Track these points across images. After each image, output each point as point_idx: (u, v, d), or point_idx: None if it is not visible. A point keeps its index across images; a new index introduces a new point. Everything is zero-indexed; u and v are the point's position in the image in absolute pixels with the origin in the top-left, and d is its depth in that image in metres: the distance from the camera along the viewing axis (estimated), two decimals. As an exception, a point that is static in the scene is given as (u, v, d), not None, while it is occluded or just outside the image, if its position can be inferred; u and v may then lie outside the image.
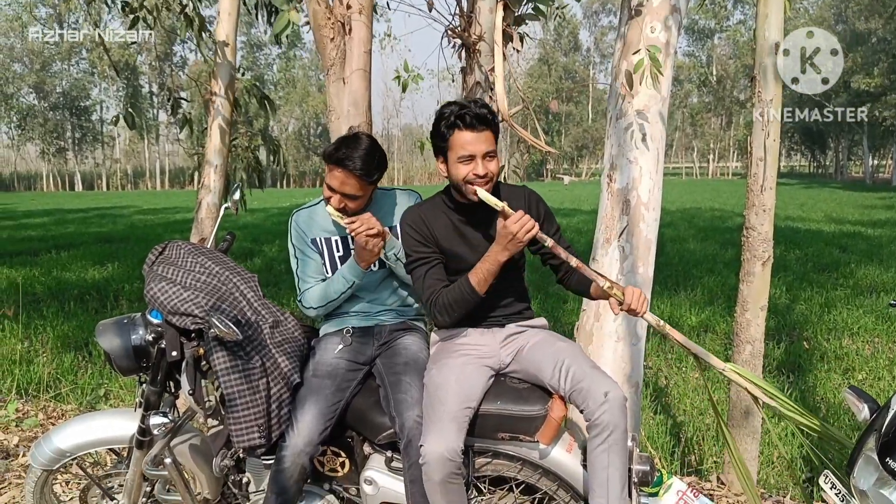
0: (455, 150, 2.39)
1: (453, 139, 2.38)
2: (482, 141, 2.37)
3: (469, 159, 2.38)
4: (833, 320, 7.02)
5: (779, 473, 3.93)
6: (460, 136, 2.37)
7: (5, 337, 6.24)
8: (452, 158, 2.41)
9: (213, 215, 4.57)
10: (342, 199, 2.61)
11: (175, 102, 5.46)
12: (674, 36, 3.32)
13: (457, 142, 2.37)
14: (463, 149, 2.37)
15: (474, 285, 2.39)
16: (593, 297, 2.53)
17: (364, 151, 2.57)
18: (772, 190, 3.49)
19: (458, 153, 2.38)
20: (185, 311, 2.37)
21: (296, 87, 71.29)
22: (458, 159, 2.39)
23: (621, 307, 2.34)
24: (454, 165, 2.41)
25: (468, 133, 2.36)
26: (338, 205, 2.62)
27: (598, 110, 71.30)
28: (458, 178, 2.41)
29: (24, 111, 63.27)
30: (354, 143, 2.59)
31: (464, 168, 2.39)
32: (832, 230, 15.79)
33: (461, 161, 2.38)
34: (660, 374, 5.61)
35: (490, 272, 2.37)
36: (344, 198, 2.61)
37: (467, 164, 2.38)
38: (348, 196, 2.61)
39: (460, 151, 2.37)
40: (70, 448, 2.73)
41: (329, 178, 2.61)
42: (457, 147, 2.38)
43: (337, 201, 2.62)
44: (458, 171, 2.40)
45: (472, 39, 3.53)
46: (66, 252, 13.09)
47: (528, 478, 2.45)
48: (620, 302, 2.33)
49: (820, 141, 58.71)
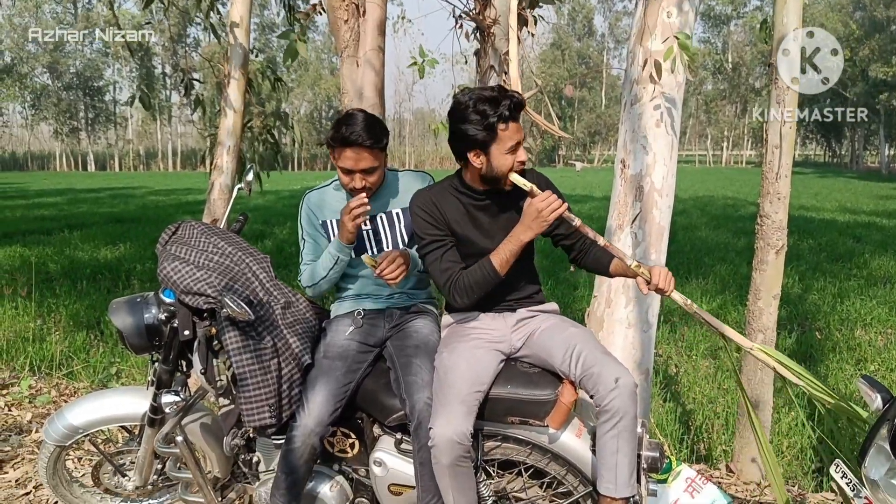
0: (504, 142, 2.34)
1: (501, 132, 2.34)
2: (519, 129, 2.36)
3: (515, 148, 2.36)
4: (846, 311, 6.98)
5: (788, 463, 3.92)
6: (508, 128, 2.33)
7: (19, 315, 6.28)
8: (499, 150, 2.35)
9: (226, 196, 4.58)
10: (363, 177, 2.60)
11: (188, 83, 5.46)
12: (690, 21, 3.29)
13: (506, 133, 2.34)
14: (511, 139, 2.34)
15: (496, 266, 2.39)
16: (612, 274, 2.53)
17: (364, 122, 2.55)
18: (787, 178, 3.46)
19: (507, 144, 2.34)
20: (197, 291, 2.38)
21: (308, 69, 71.19)
22: (507, 150, 2.35)
23: (649, 286, 2.34)
24: (500, 157, 2.36)
25: (512, 124, 2.34)
26: (360, 184, 2.59)
27: (611, 96, 70.98)
28: (505, 168, 2.37)
29: (38, 91, 63.52)
30: (351, 119, 2.57)
31: (510, 158, 2.36)
32: (846, 220, 15.69)
33: (508, 151, 2.36)
34: (670, 361, 5.60)
35: (513, 253, 2.37)
36: (364, 175, 2.59)
37: (513, 154, 2.36)
38: (366, 171, 2.59)
39: (508, 142, 2.34)
40: (83, 424, 2.75)
41: (341, 161, 2.58)
42: (506, 139, 2.34)
43: (359, 180, 2.59)
44: (505, 161, 2.36)
45: (486, 22, 3.51)
46: (78, 231, 13.17)
47: (536, 462, 2.45)
48: (648, 281, 2.33)
49: (835, 130, 58.26)
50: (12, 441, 3.93)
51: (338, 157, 2.58)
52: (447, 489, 2.31)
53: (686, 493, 2.48)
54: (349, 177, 2.60)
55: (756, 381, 3.63)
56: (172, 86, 63.98)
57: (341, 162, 2.58)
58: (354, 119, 2.56)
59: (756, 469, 3.66)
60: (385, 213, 2.75)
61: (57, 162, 69.24)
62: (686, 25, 3.26)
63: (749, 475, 3.68)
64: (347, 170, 2.58)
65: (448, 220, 2.50)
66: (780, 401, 4.49)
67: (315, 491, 2.60)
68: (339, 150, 2.57)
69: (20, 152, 72.15)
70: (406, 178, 2.84)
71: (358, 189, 2.60)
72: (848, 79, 47.73)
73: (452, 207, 2.51)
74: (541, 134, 5.30)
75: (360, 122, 2.55)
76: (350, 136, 2.52)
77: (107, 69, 67.35)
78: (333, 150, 2.59)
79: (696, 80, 63.24)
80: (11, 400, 4.53)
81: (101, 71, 66.95)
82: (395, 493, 2.54)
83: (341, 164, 2.59)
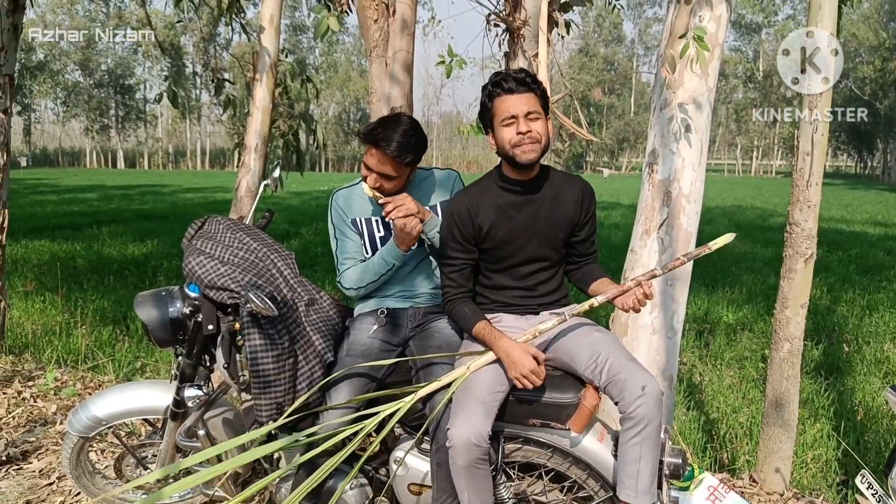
0: (498, 116, 2.36)
1: (495, 106, 2.37)
2: (523, 102, 2.33)
3: (511, 120, 2.35)
4: (875, 324, 6.87)
5: (813, 475, 3.86)
6: (501, 101, 2.35)
7: (46, 309, 6.37)
8: (497, 125, 2.38)
9: (252, 195, 4.61)
10: (378, 178, 2.60)
11: (219, 83, 5.50)
12: (722, 27, 3.26)
13: (499, 107, 2.36)
14: (505, 111, 2.34)
15: (473, 330, 2.44)
16: (590, 293, 2.55)
17: (401, 133, 2.54)
18: (818, 186, 3.41)
19: (501, 117, 2.35)
20: (222, 286, 2.39)
21: (337, 71, 71.57)
22: (502, 122, 2.36)
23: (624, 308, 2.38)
24: (499, 130, 2.37)
25: (507, 96, 2.34)
26: (374, 184, 2.61)
27: (640, 103, 70.56)
28: (505, 142, 2.37)
29: (70, 88, 64.44)
30: (393, 125, 2.57)
31: (508, 131, 2.36)
32: (877, 233, 15.47)
33: (504, 124, 2.36)
34: (694, 370, 5.55)
35: (486, 340, 2.40)
36: (380, 178, 2.60)
37: (510, 126, 2.35)
38: (384, 176, 2.60)
39: (502, 115, 2.35)
40: (106, 416, 2.78)
41: (366, 157, 2.60)
42: (499, 112, 2.36)
43: (373, 181, 2.60)
44: (503, 134, 2.36)
45: (516, 24, 3.50)
46: (107, 227, 13.33)
47: (557, 465, 2.44)
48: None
49: (867, 141, 57.48)
50: (37, 432, 3.98)
51: (366, 150, 2.61)
52: (463, 490, 2.30)
53: (708, 502, 2.45)
54: (367, 172, 2.62)
55: (782, 390, 3.58)
56: (202, 85, 64.69)
57: (366, 157, 2.61)
58: (396, 125, 2.57)
59: (780, 479, 3.61)
60: None
61: (87, 159, 70.18)
62: (718, 31, 3.23)
63: (773, 485, 3.62)
64: (369, 166, 2.61)
65: (481, 224, 2.48)
66: (805, 412, 4.43)
67: (335, 489, 2.60)
68: (367, 145, 2.59)
69: (51, 148, 73.18)
70: (433, 177, 2.83)
71: (372, 185, 2.62)
72: (879, 89, 47.12)
73: (490, 209, 2.50)
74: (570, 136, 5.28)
75: (398, 130, 2.55)
76: (380, 140, 2.53)
77: (138, 67, 68.17)
78: (364, 142, 2.61)
79: (727, 89, 62.78)
80: (37, 391, 4.58)
81: (132, 69, 67.75)
82: (414, 492, 2.53)
83: (365, 159, 2.62)
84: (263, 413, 2.42)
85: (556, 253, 2.57)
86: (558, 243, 2.55)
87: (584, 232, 2.58)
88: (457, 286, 2.52)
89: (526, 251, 2.52)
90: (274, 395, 2.42)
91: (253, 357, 2.38)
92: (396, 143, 2.53)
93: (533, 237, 2.50)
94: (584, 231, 2.57)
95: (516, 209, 2.50)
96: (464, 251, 2.51)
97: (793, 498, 3.55)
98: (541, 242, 2.52)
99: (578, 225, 2.55)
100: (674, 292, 3.31)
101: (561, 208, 2.51)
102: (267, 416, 2.43)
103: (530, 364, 2.27)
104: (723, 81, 61.93)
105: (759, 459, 3.74)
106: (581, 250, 2.62)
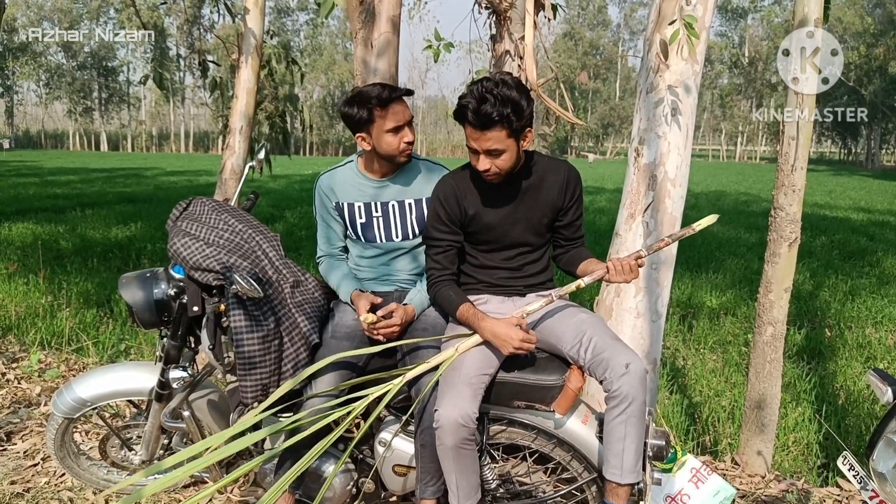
0: (466, 137, 2.36)
1: (465, 126, 2.34)
2: (486, 139, 2.29)
3: (474, 152, 2.36)
4: (857, 308, 6.94)
5: (794, 458, 3.91)
6: (468, 129, 2.32)
7: (30, 291, 6.32)
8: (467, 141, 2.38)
9: (237, 177, 4.58)
10: (409, 129, 2.59)
11: (204, 65, 5.46)
12: (709, 11, 3.26)
13: (466, 131, 2.34)
14: (470, 139, 2.34)
15: (456, 313, 2.45)
16: (577, 274, 2.55)
17: (389, 82, 2.54)
18: (802, 170, 3.43)
19: (467, 141, 2.36)
20: (207, 267, 2.38)
21: (322, 54, 71.10)
22: (468, 144, 2.37)
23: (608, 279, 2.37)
24: (468, 147, 2.39)
25: (472, 129, 2.30)
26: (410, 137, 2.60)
27: (625, 88, 70.58)
28: (471, 159, 2.41)
29: (52, 70, 63.72)
30: (379, 84, 2.56)
31: (472, 156, 2.39)
32: (860, 218, 15.59)
33: (470, 148, 2.37)
34: (677, 354, 5.59)
35: (468, 322, 2.41)
36: (409, 128, 2.58)
37: (474, 154, 2.36)
38: (410, 125, 2.59)
39: (467, 139, 2.35)
40: (91, 397, 2.77)
41: (389, 122, 2.52)
42: (466, 135, 2.35)
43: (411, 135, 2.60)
44: (469, 153, 2.39)
45: (503, 6, 3.48)
46: (91, 210, 13.24)
47: (541, 447, 2.46)
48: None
49: (851, 128, 57.79)
50: (21, 413, 3.96)
51: (384, 119, 2.53)
52: (450, 471, 2.32)
53: (691, 483, 2.47)
54: (407, 145, 2.59)
55: (764, 374, 3.62)
56: (186, 67, 64.12)
57: (389, 123, 2.53)
58: (381, 84, 2.57)
59: (762, 462, 3.65)
60: (398, 202, 2.70)
61: (70, 141, 69.55)
62: (704, 15, 3.23)
63: (754, 468, 3.67)
64: (396, 128, 2.54)
65: (466, 206, 2.49)
66: (787, 396, 4.47)
67: (320, 471, 2.60)
68: (383, 110, 2.52)
69: (34, 131, 72.45)
70: (423, 168, 2.76)
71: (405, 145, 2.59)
72: (864, 76, 47.34)
73: (476, 194, 2.50)
74: (556, 120, 5.29)
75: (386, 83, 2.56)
76: (390, 90, 2.51)
77: (120, 49, 67.54)
78: (382, 110, 2.53)
79: (712, 74, 62.88)
80: (21, 373, 4.56)
81: (115, 51, 67.11)
82: (399, 473, 2.54)
83: (390, 125, 2.54)
84: (248, 394, 2.42)
85: (541, 238, 2.58)
86: (542, 228, 2.55)
87: (568, 216, 2.58)
88: (441, 268, 2.52)
89: (510, 236, 2.52)
90: (259, 377, 2.42)
91: (238, 338, 2.37)
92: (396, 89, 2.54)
93: (517, 223, 2.51)
94: (568, 215, 2.57)
95: (501, 195, 2.50)
96: (450, 233, 2.51)
97: (774, 480, 3.59)
98: (525, 228, 2.52)
99: (563, 210, 2.55)
100: (658, 276, 3.33)
101: (545, 194, 2.51)
102: (252, 397, 2.43)
103: (518, 334, 2.28)
104: (708, 67, 62.01)
105: (742, 442, 3.78)
106: (567, 234, 2.62)
